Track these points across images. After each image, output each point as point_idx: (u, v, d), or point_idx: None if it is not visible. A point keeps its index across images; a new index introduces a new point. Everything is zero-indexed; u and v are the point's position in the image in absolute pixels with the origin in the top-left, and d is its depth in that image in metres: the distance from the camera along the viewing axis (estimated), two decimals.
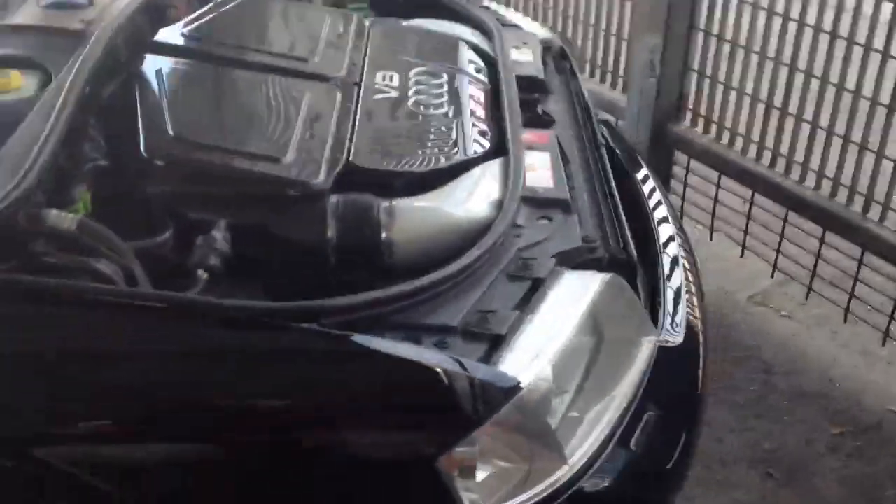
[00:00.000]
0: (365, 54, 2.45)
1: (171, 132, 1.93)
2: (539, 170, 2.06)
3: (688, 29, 3.29)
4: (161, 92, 2.06)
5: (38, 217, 1.68)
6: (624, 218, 2.04)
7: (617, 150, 2.49)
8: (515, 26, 2.83)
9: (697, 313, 2.07)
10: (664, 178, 3.39)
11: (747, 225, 3.31)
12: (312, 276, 1.89)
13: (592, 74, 3.85)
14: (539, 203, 1.96)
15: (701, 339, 2.03)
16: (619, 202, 2.10)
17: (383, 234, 1.86)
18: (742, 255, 3.39)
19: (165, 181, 1.87)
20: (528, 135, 2.16)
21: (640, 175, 2.48)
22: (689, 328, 1.99)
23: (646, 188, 2.42)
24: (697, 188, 3.46)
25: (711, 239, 3.44)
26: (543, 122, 2.30)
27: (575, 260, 1.86)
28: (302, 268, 1.89)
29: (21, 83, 2.02)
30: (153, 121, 1.96)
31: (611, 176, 2.21)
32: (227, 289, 1.81)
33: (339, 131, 2.06)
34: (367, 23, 2.64)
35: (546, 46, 2.75)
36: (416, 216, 1.90)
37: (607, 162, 2.26)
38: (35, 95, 1.99)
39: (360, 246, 1.86)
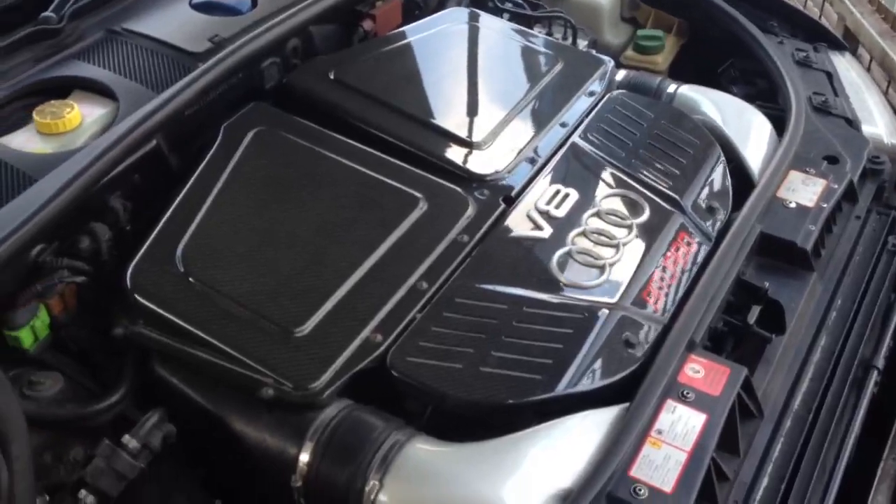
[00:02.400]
0: (561, 144, 1.73)
1: (178, 263, 1.45)
2: (667, 445, 1.28)
3: None
4: (219, 179, 1.57)
5: None
6: None
7: None
8: (842, 119, 1.89)
9: None
10: None
11: None
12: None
13: None
14: None
15: None
16: None
17: (367, 492, 1.25)
18: None
19: (138, 324, 1.40)
20: (694, 366, 1.37)
21: None
22: None
23: None
24: None
25: None
26: (752, 336, 1.47)
27: None
28: (260, 488, 1.36)
29: (79, 122, 1.63)
30: (169, 234, 1.48)
31: (842, 462, 1.39)
32: (167, 476, 1.36)
33: (409, 294, 1.44)
34: (607, 80, 1.89)
35: (871, 168, 1.81)
36: (424, 481, 1.26)
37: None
38: (84, 145, 1.59)
39: (333, 494, 1.27)
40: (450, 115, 1.77)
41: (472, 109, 1.80)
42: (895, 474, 1.66)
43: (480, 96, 1.84)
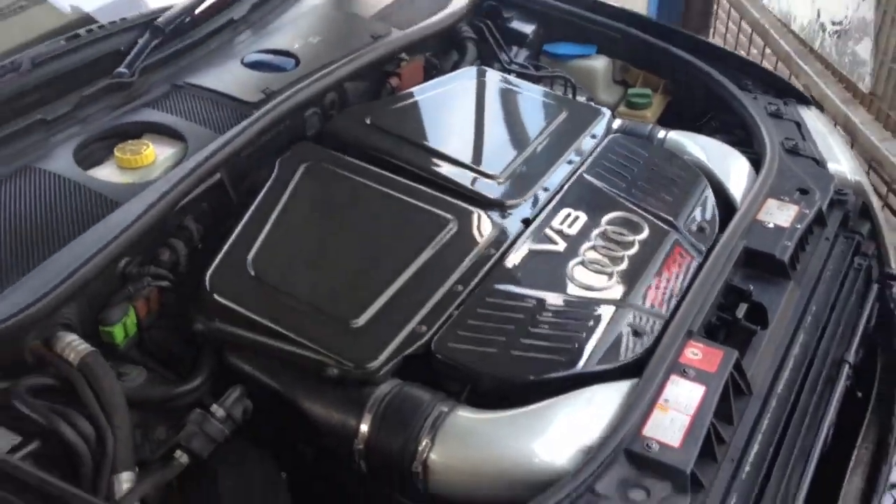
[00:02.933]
0: (571, 177, 2.00)
1: (249, 269, 1.69)
2: (674, 411, 1.51)
3: None
4: (279, 203, 1.82)
5: (52, 338, 1.54)
6: None
7: None
8: (811, 159, 2.16)
9: None
10: None
11: None
12: (337, 471, 1.58)
13: None
14: (644, 465, 1.43)
15: None
16: (805, 483, 1.53)
17: (420, 451, 1.47)
18: None
19: (215, 320, 1.64)
20: (693, 350, 1.60)
21: None
22: None
23: None
24: None
25: None
26: (740, 329, 1.71)
27: None
28: (325, 458, 1.58)
29: (153, 158, 1.89)
30: (240, 245, 1.72)
31: (821, 438, 1.62)
32: (239, 453, 1.57)
33: (447, 295, 1.68)
34: (606, 126, 2.17)
35: (837, 199, 2.07)
36: (468, 441, 1.48)
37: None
38: (159, 177, 1.84)
39: (390, 457, 1.49)
40: (472, 152, 2.03)
41: (491, 149, 2.07)
42: (868, 460, 1.89)
43: (497, 138, 2.11)
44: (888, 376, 2.01)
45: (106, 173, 1.86)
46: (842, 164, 2.21)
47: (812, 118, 2.38)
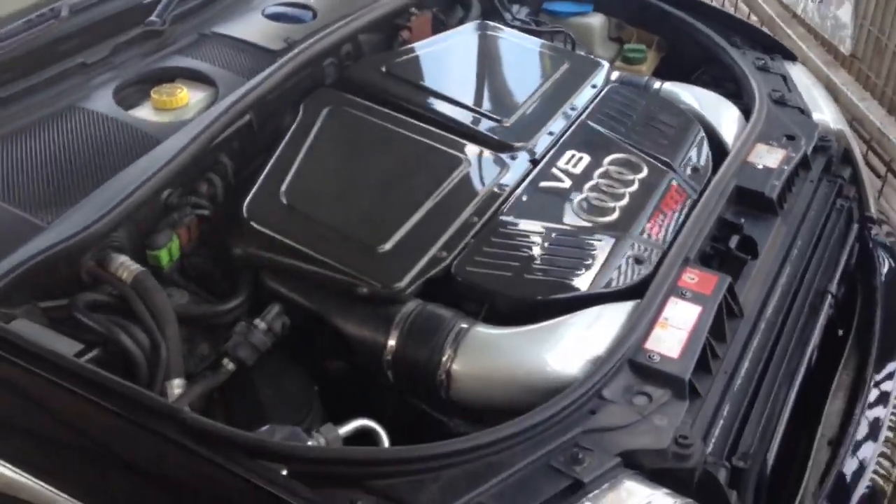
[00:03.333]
0: (574, 122, 2.14)
1: (283, 198, 1.83)
2: (673, 328, 1.67)
3: None
4: (306, 141, 1.96)
5: (106, 259, 1.68)
6: (782, 425, 1.64)
7: None
8: (797, 109, 2.32)
9: None
10: None
11: None
12: (366, 383, 1.73)
13: None
14: (646, 374, 1.59)
15: None
16: (790, 397, 1.69)
17: (443, 361, 1.62)
18: None
19: (253, 245, 1.78)
20: (690, 275, 1.76)
21: None
22: None
23: None
24: None
25: None
26: (732, 259, 1.87)
27: (651, 465, 1.48)
28: (357, 372, 1.73)
29: (187, 101, 2.02)
30: (273, 177, 1.86)
31: (805, 358, 1.79)
32: (276, 367, 1.71)
33: (464, 225, 1.83)
34: (605, 77, 2.31)
35: (821, 145, 2.23)
36: (486, 353, 1.64)
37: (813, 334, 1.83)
38: (193, 117, 1.97)
39: (416, 367, 1.65)
40: (482, 99, 2.18)
41: (498, 96, 2.21)
42: (849, 385, 2.06)
43: (503, 86, 2.26)
44: (867, 309, 2.17)
45: (144, 114, 1.99)
46: (825, 114, 2.37)
47: (797, 72, 2.53)
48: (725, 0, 4.38)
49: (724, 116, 2.27)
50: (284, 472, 1.36)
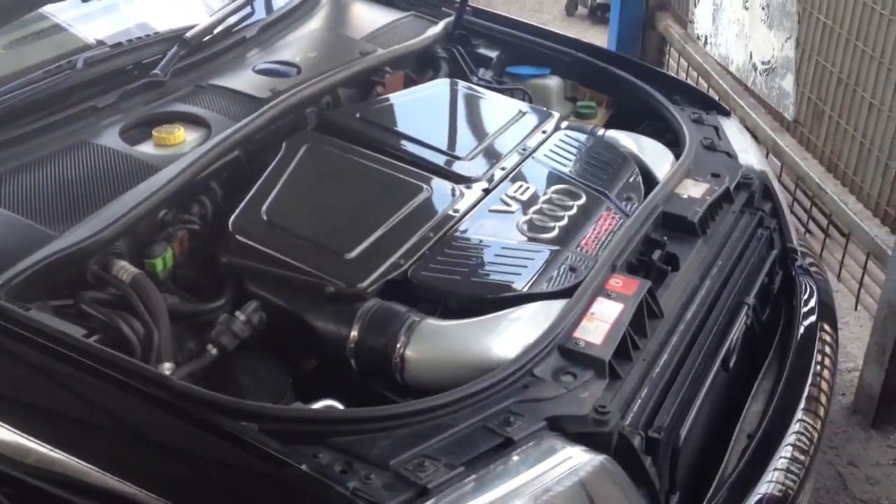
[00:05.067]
0: (523, 160, 2.44)
1: (264, 215, 2.11)
2: (598, 321, 1.93)
3: None
4: (287, 170, 2.25)
5: (108, 263, 1.95)
6: (698, 401, 1.89)
7: None
8: (724, 153, 2.62)
9: None
10: None
11: None
12: (334, 372, 1.98)
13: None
14: (573, 357, 1.84)
15: None
16: (705, 384, 1.95)
17: (397, 348, 1.88)
18: None
19: (237, 255, 2.05)
20: (616, 280, 2.02)
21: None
22: None
23: None
24: None
25: None
26: (655, 269, 2.13)
27: (573, 430, 1.73)
28: (326, 361, 1.98)
29: (184, 139, 2.32)
30: (256, 199, 2.15)
31: (722, 351, 2.04)
32: (254, 361, 1.97)
33: (422, 238, 2.10)
34: (556, 125, 2.62)
35: (744, 182, 2.52)
36: (435, 340, 1.89)
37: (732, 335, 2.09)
38: (189, 151, 2.27)
39: (374, 355, 1.90)
40: (443, 140, 2.48)
41: (461, 138, 2.51)
42: (768, 390, 2.30)
43: (464, 130, 2.56)
44: (788, 328, 2.43)
45: (146, 149, 2.29)
46: (750, 156, 2.67)
47: (729, 124, 2.84)
48: (688, 78, 4.75)
49: (659, 158, 2.56)
50: (256, 429, 1.61)
